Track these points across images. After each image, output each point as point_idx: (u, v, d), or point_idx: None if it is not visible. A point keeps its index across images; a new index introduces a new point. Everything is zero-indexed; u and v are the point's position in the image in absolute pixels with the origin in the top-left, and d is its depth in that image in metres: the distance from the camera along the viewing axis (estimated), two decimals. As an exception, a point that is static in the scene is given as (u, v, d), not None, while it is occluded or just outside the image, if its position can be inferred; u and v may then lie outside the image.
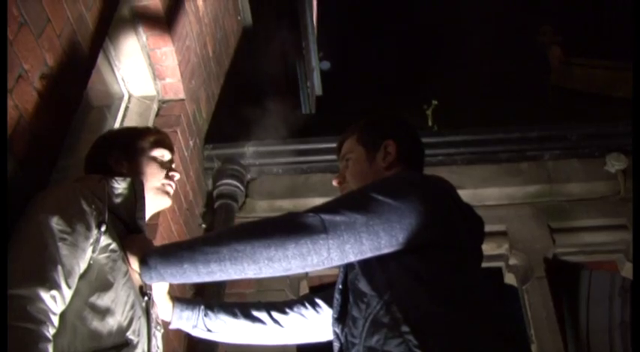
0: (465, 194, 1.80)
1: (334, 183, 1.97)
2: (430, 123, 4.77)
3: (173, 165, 2.07)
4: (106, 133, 2.19)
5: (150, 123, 3.18)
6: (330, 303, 1.96)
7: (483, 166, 3.99)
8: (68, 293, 1.50)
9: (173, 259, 1.58)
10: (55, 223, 1.55)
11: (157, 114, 3.32)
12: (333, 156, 3.91)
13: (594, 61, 6.52)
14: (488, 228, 1.85)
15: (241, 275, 1.54)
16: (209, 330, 1.99)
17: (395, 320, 1.47)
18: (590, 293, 5.10)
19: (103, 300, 1.58)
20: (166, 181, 1.99)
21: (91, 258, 1.60)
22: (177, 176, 2.04)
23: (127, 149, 1.97)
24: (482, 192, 3.87)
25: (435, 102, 4.96)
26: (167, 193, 1.99)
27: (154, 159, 1.99)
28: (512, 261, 3.75)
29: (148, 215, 1.93)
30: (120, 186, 1.81)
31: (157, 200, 1.97)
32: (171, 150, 2.07)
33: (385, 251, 1.55)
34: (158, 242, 2.75)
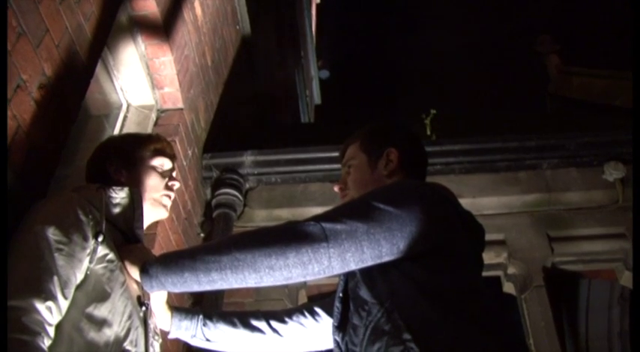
0: (463, 203, 1.80)
1: (335, 188, 1.97)
2: (428, 133, 4.76)
3: (174, 174, 2.05)
4: (107, 139, 2.15)
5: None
6: (328, 312, 1.96)
7: (481, 175, 3.99)
8: (64, 303, 1.49)
9: (174, 268, 1.57)
10: (52, 233, 1.54)
11: (156, 124, 3.32)
12: (331, 166, 3.93)
13: (592, 70, 6.54)
14: (486, 237, 1.85)
15: (242, 284, 1.54)
16: (208, 340, 1.98)
17: (396, 327, 1.47)
18: (589, 302, 5.11)
19: (100, 311, 1.56)
20: (165, 192, 1.97)
21: (87, 269, 1.59)
22: (177, 185, 2.02)
23: (127, 157, 1.94)
24: (480, 201, 3.87)
25: (433, 111, 4.96)
26: (164, 206, 1.97)
27: (154, 168, 1.97)
28: (510, 270, 3.75)
29: (145, 224, 1.92)
30: (118, 195, 1.80)
31: (153, 211, 1.96)
32: (172, 158, 2.05)
33: (386, 259, 1.55)
34: (157, 251, 2.74)
